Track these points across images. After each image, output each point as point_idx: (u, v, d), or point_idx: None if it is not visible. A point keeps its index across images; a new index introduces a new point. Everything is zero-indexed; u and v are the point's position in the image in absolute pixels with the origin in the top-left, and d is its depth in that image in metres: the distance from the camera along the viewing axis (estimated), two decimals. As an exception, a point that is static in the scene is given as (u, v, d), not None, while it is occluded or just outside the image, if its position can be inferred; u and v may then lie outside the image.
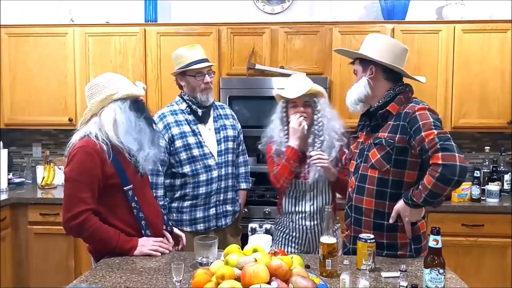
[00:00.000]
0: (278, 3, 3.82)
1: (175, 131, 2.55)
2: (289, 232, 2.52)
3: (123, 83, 2.06)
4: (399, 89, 2.03)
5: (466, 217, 3.17)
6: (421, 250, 2.03)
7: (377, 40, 2.08)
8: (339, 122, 2.46)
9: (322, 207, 2.44)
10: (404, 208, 1.94)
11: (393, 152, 1.95)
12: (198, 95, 2.58)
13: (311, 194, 2.46)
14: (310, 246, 2.50)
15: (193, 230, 2.59)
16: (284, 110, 2.46)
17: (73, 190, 1.94)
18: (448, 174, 1.77)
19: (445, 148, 1.80)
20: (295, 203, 2.49)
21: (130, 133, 1.98)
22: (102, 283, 1.72)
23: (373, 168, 2.01)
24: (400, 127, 1.95)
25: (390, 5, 3.53)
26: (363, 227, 2.04)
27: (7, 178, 3.66)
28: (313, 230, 2.47)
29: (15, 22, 3.85)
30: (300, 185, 2.47)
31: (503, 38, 3.36)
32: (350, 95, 2.12)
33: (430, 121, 1.87)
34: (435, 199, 1.86)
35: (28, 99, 3.66)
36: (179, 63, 2.58)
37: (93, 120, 2.02)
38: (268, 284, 1.47)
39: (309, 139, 2.44)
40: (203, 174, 2.57)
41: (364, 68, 2.08)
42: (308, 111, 2.42)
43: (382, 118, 2.03)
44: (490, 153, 3.58)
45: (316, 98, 2.44)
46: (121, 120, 1.97)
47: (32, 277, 3.42)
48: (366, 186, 2.03)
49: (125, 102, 2.01)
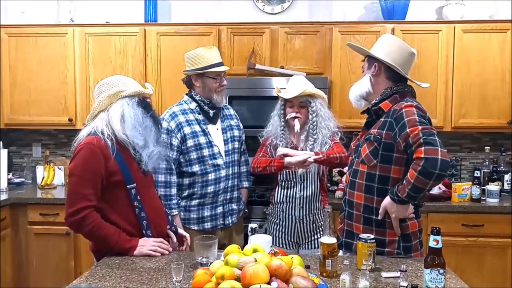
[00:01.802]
0: (278, 3, 3.82)
1: (187, 131, 2.59)
2: (279, 222, 2.68)
3: (132, 83, 2.11)
4: (397, 89, 2.07)
5: (466, 217, 3.17)
6: (411, 249, 2.04)
7: (387, 40, 2.14)
8: (333, 122, 2.66)
9: (312, 197, 2.64)
10: (391, 204, 1.96)
11: (380, 148, 2.00)
12: (214, 96, 2.63)
13: (301, 185, 2.63)
14: (299, 236, 2.65)
15: (200, 228, 2.64)
16: (282, 108, 2.69)
17: (76, 186, 1.95)
18: (429, 167, 1.80)
19: (428, 143, 1.83)
20: (286, 193, 2.66)
21: (137, 128, 2.01)
22: (102, 283, 1.72)
23: (363, 163, 2.06)
24: (388, 123, 1.99)
25: (390, 5, 3.53)
26: (354, 221, 2.09)
27: (7, 178, 3.66)
28: (302, 220, 2.63)
29: (15, 22, 3.85)
30: (290, 175, 2.64)
31: (503, 38, 3.36)
32: (352, 91, 2.18)
33: (415, 118, 1.90)
34: (418, 194, 1.89)
35: (28, 99, 3.66)
36: (197, 63, 2.60)
37: (101, 115, 2.04)
38: (268, 284, 1.47)
39: (303, 137, 2.63)
40: (212, 173, 2.61)
41: (369, 65, 2.14)
42: (303, 111, 2.63)
43: (375, 115, 2.08)
44: (490, 153, 3.58)
45: (312, 99, 2.62)
46: (128, 115, 2.00)
47: (32, 277, 3.42)
48: (356, 181, 2.09)
49: (133, 98, 2.05)
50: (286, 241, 2.65)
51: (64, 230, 3.33)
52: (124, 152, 2.02)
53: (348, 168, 2.18)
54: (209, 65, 2.58)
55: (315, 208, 2.64)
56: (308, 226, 2.64)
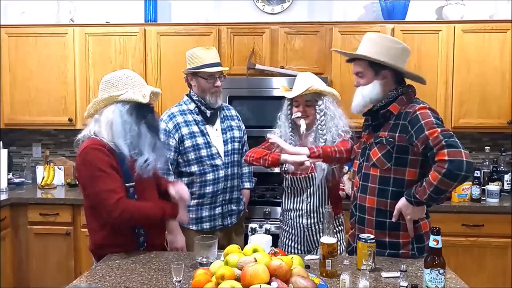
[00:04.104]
0: (278, 3, 3.82)
1: (184, 131, 2.59)
2: (289, 230, 2.55)
3: (134, 85, 2.04)
4: (402, 90, 2.05)
5: (466, 217, 3.17)
6: (424, 250, 2.02)
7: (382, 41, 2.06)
8: (343, 120, 2.44)
9: (319, 205, 2.45)
10: (406, 206, 1.94)
11: (394, 151, 1.97)
12: (207, 97, 2.62)
13: (308, 192, 2.47)
14: (309, 244, 2.52)
15: (199, 228, 2.64)
16: (288, 108, 2.51)
17: (99, 187, 1.93)
18: (455, 169, 1.78)
19: (450, 145, 1.81)
20: (293, 200, 2.52)
21: (124, 137, 1.98)
22: (102, 283, 1.72)
23: (375, 167, 2.03)
24: (400, 126, 1.97)
25: (390, 5, 3.53)
26: (366, 225, 2.07)
27: (7, 178, 3.66)
28: (310, 228, 2.49)
29: (15, 22, 3.85)
30: (297, 182, 2.48)
31: (503, 38, 3.36)
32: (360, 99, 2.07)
33: (431, 120, 1.89)
34: (439, 196, 1.87)
35: (28, 99, 3.66)
36: (192, 62, 2.60)
37: (95, 117, 2.05)
38: (268, 284, 1.47)
39: (311, 138, 2.44)
40: (210, 173, 2.61)
41: (376, 72, 2.03)
42: (310, 110, 2.43)
43: (383, 118, 2.05)
44: (490, 153, 3.58)
45: (319, 97, 2.43)
46: (116, 123, 1.98)
47: (32, 277, 3.42)
48: (368, 185, 2.05)
49: (126, 105, 2.00)
50: (296, 250, 2.52)
51: (64, 230, 3.33)
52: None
53: (357, 172, 2.14)
54: (202, 65, 2.56)
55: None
56: (318, 235, 2.47)
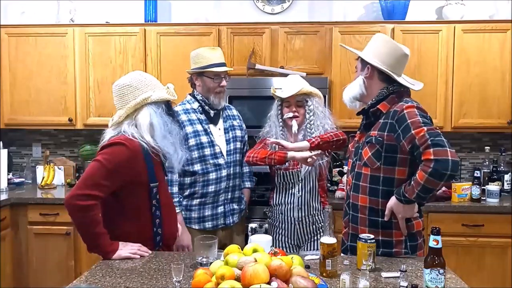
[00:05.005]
0: (278, 3, 3.82)
1: (188, 130, 2.61)
2: (279, 225, 2.65)
3: (155, 85, 2.07)
4: (393, 89, 2.06)
5: (466, 217, 3.17)
6: (417, 248, 2.05)
7: (380, 41, 2.12)
8: (331, 120, 2.63)
9: (310, 197, 2.60)
10: (397, 205, 1.96)
11: (383, 150, 1.99)
12: (211, 97, 2.64)
13: (299, 186, 2.60)
14: (299, 238, 2.62)
15: (201, 228, 2.65)
16: (279, 108, 2.65)
17: (96, 172, 1.92)
18: (441, 169, 1.79)
19: (436, 144, 1.82)
20: (284, 194, 2.63)
21: (167, 137, 2.02)
22: (102, 283, 1.72)
23: (366, 166, 2.05)
24: (388, 125, 1.98)
25: (390, 5, 3.53)
26: (359, 224, 2.09)
27: (7, 178, 3.65)
28: (301, 222, 2.60)
29: (15, 22, 3.85)
30: (288, 176, 2.61)
31: (503, 38, 3.36)
32: (346, 92, 2.18)
33: (418, 119, 1.90)
34: (427, 194, 1.88)
35: (28, 99, 3.66)
36: (198, 62, 2.62)
37: (127, 121, 2.02)
38: (268, 284, 1.47)
39: (300, 136, 2.60)
40: (213, 172, 2.63)
41: (362, 67, 2.13)
42: (300, 110, 2.60)
43: (374, 117, 2.07)
44: (490, 153, 3.58)
45: (309, 98, 2.60)
46: (158, 125, 2.00)
47: (32, 277, 3.42)
48: (360, 184, 2.08)
49: (160, 106, 2.03)
50: (287, 244, 2.63)
51: (64, 230, 3.33)
52: (154, 153, 2.01)
53: (350, 171, 2.16)
54: (208, 64, 2.59)
55: (314, 209, 2.61)
56: (308, 227, 2.61)
